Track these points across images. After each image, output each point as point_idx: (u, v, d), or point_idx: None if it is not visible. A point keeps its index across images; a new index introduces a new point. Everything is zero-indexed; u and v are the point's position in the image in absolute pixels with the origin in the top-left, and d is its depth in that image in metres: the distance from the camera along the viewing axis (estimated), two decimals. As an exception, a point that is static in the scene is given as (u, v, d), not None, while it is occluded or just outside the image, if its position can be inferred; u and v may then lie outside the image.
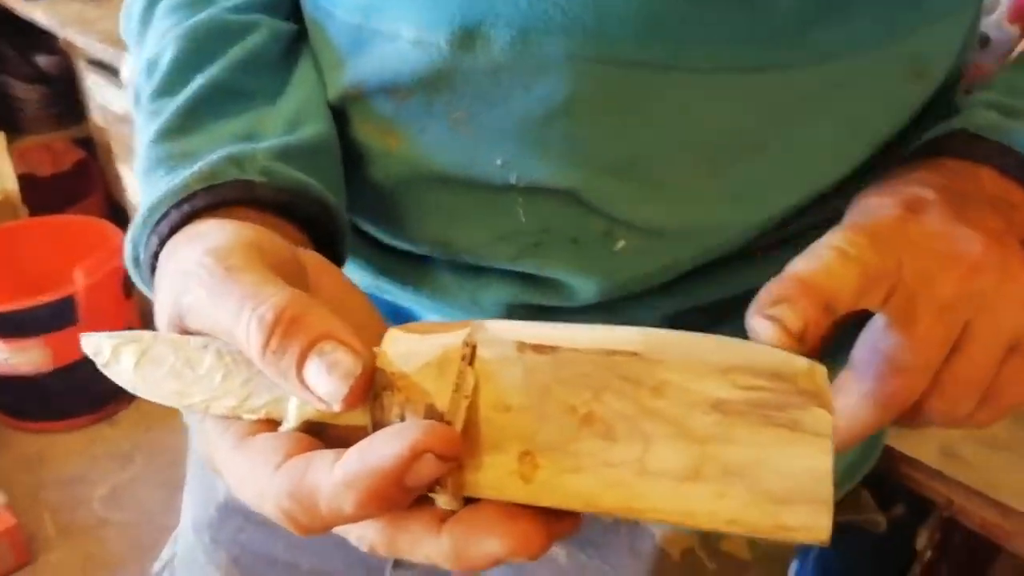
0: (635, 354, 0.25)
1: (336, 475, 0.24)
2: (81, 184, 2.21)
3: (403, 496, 0.24)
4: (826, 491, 0.23)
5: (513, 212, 0.39)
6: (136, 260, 0.35)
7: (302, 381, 0.25)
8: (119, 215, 2.10)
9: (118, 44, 1.54)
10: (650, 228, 0.39)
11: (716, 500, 0.24)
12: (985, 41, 0.80)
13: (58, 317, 1.66)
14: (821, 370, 0.25)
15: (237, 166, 0.34)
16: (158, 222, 0.33)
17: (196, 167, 0.33)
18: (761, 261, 0.43)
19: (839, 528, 0.24)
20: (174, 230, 0.32)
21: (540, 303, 0.43)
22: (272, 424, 0.28)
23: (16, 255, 1.90)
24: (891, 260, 0.31)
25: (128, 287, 1.80)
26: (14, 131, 2.12)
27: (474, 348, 0.26)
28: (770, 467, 0.24)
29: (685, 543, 0.51)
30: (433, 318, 0.47)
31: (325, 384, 0.25)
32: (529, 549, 0.24)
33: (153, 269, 0.33)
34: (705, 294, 0.44)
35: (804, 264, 0.30)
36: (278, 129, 0.38)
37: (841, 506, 0.75)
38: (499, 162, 0.37)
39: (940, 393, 0.32)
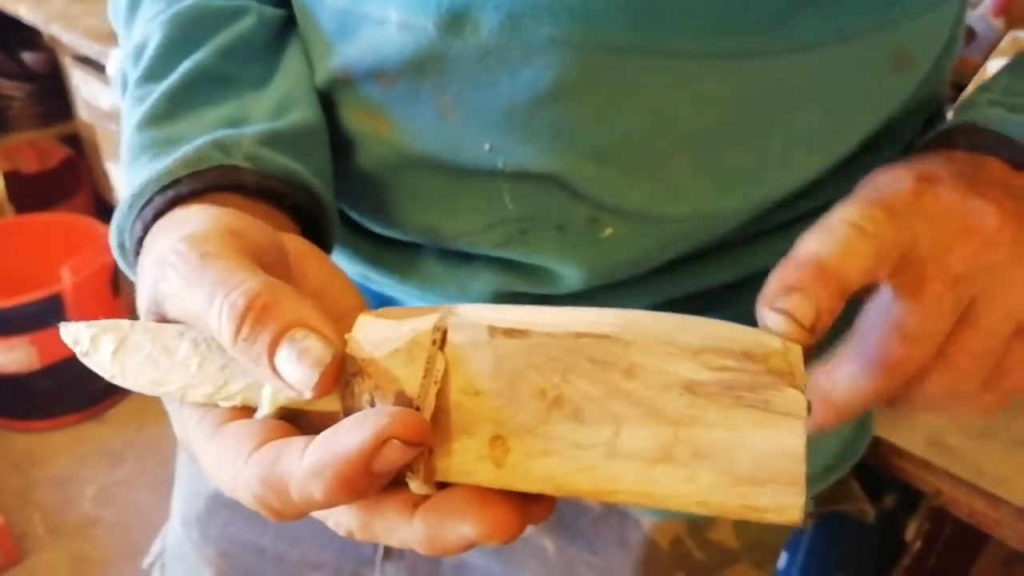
0: (607, 336, 0.25)
1: (305, 463, 0.24)
2: (68, 182, 2.20)
3: (372, 482, 0.24)
4: (799, 472, 0.23)
5: (500, 198, 0.39)
6: (122, 247, 0.34)
7: (274, 368, 0.25)
8: (106, 213, 2.08)
9: (104, 40, 1.53)
10: (636, 215, 0.39)
11: (686, 482, 0.24)
12: (971, 35, 0.81)
13: (45, 315, 1.65)
14: (796, 349, 0.25)
15: (222, 151, 0.34)
16: (142, 208, 0.33)
17: (181, 152, 0.33)
18: (749, 250, 0.43)
19: (828, 518, 0.23)
20: (158, 215, 0.32)
21: (527, 291, 0.42)
22: (248, 411, 0.28)
23: (2, 253, 1.89)
24: (906, 234, 0.30)
25: (116, 284, 1.80)
26: (0, 128, 2.11)
27: (444, 332, 0.25)
28: (742, 448, 0.23)
29: (673, 533, 0.51)
30: (420, 307, 0.47)
31: (295, 372, 0.25)
32: (502, 533, 0.24)
33: (138, 255, 0.32)
34: (691, 283, 0.44)
35: (818, 241, 0.28)
36: (265, 115, 0.37)
37: (830, 496, 0.75)
38: (486, 147, 0.37)
39: (944, 366, 0.31)
